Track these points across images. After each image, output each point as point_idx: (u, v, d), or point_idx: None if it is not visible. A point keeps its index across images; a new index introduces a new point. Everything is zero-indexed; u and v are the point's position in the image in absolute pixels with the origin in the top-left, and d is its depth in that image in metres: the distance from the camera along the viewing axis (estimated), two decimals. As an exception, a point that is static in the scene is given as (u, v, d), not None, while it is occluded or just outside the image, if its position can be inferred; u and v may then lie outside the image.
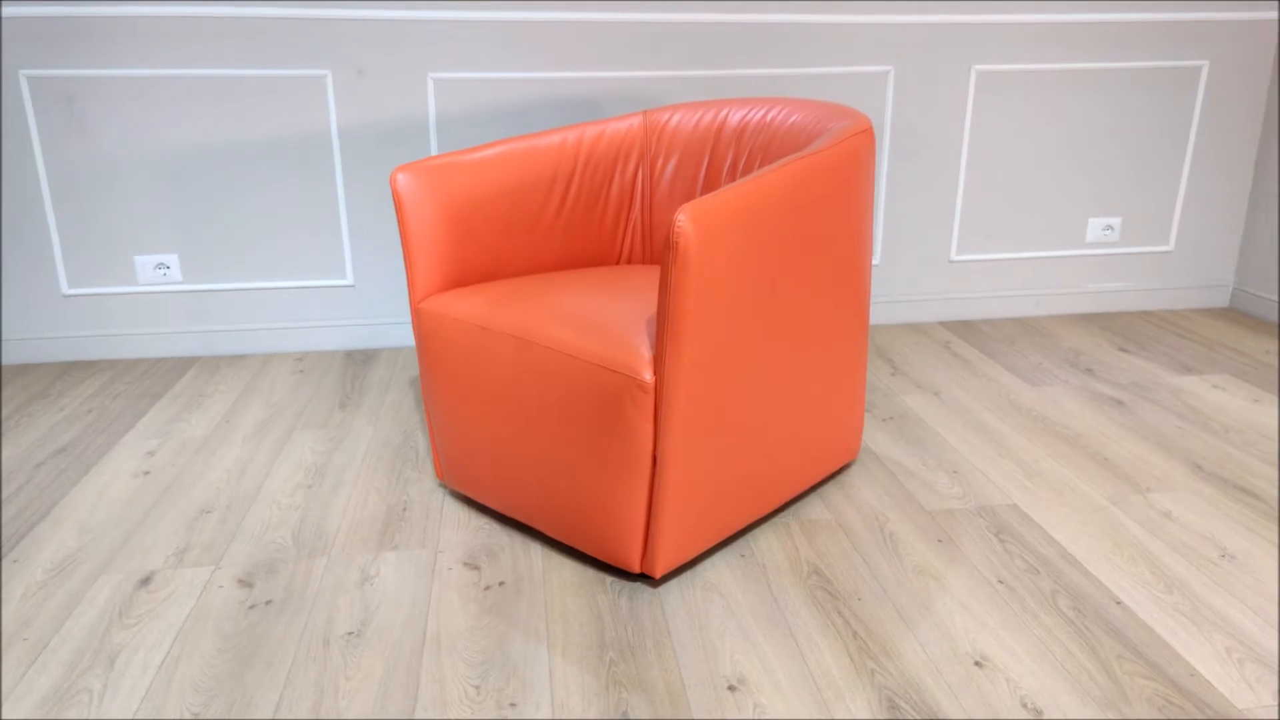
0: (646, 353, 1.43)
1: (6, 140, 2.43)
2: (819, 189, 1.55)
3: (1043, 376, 2.45)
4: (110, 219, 2.54)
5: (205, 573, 1.61)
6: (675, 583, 1.57)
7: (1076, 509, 1.79)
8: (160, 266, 2.59)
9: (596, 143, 1.95)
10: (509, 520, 1.77)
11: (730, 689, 1.32)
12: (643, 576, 1.59)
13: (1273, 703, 1.28)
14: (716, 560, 1.63)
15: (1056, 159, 2.78)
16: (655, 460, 1.45)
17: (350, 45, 2.47)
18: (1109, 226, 2.84)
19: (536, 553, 1.66)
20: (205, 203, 2.55)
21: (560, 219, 1.92)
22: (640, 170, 1.99)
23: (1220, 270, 2.96)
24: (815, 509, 1.80)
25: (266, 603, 1.52)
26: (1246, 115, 2.81)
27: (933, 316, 2.89)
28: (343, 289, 2.69)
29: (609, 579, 1.58)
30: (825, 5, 2.55)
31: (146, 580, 1.59)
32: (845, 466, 1.95)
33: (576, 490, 1.55)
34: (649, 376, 1.40)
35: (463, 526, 1.75)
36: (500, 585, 1.57)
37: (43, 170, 2.46)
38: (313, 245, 2.64)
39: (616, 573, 1.60)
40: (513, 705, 1.29)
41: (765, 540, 1.69)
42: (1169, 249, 2.91)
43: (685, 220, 1.32)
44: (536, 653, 1.40)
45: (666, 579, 1.58)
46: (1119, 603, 1.50)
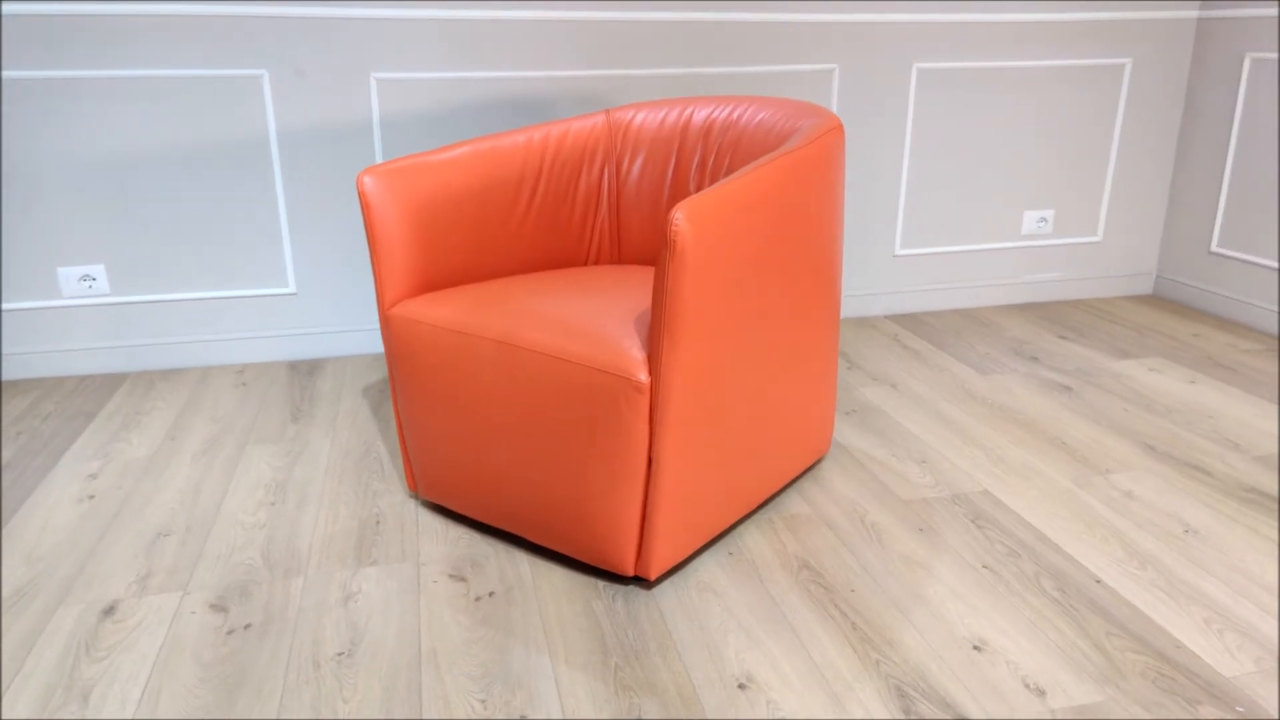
0: (638, 353, 1.41)
1: (-86, 147, 2.26)
2: (800, 186, 1.56)
3: (992, 365, 2.52)
4: (30, 229, 2.39)
5: (173, 599, 1.53)
6: (669, 584, 1.56)
7: (1045, 492, 1.84)
8: (85, 278, 2.45)
9: (562, 142, 1.92)
10: (489, 529, 1.73)
11: (741, 687, 1.31)
12: (635, 580, 1.57)
13: (1255, 669, 1.34)
14: (706, 560, 1.63)
15: (994, 154, 2.86)
16: (650, 461, 1.44)
17: (288, 44, 2.39)
18: (1043, 219, 2.95)
19: (523, 561, 1.63)
20: (134, 210, 2.43)
21: (528, 220, 1.89)
22: (606, 170, 1.97)
23: (1144, 259, 3.10)
24: (795, 504, 1.81)
25: (245, 627, 1.45)
26: (1167, 111, 2.95)
27: (879, 310, 2.95)
28: (284, 297, 2.60)
29: (601, 583, 1.56)
30: (771, 5, 2.57)
31: (110, 610, 1.50)
32: (818, 460, 1.97)
33: (566, 494, 1.52)
34: (644, 377, 1.39)
35: (441, 537, 1.71)
36: (491, 596, 1.53)
37: (-45, 178, 2.31)
38: (251, 252, 2.54)
39: (608, 577, 1.58)
40: (523, 717, 1.26)
41: (751, 537, 1.69)
42: (1098, 239, 3.03)
43: (682, 219, 1.31)
44: (539, 662, 1.37)
45: (659, 581, 1.56)
46: (1099, 581, 1.55)
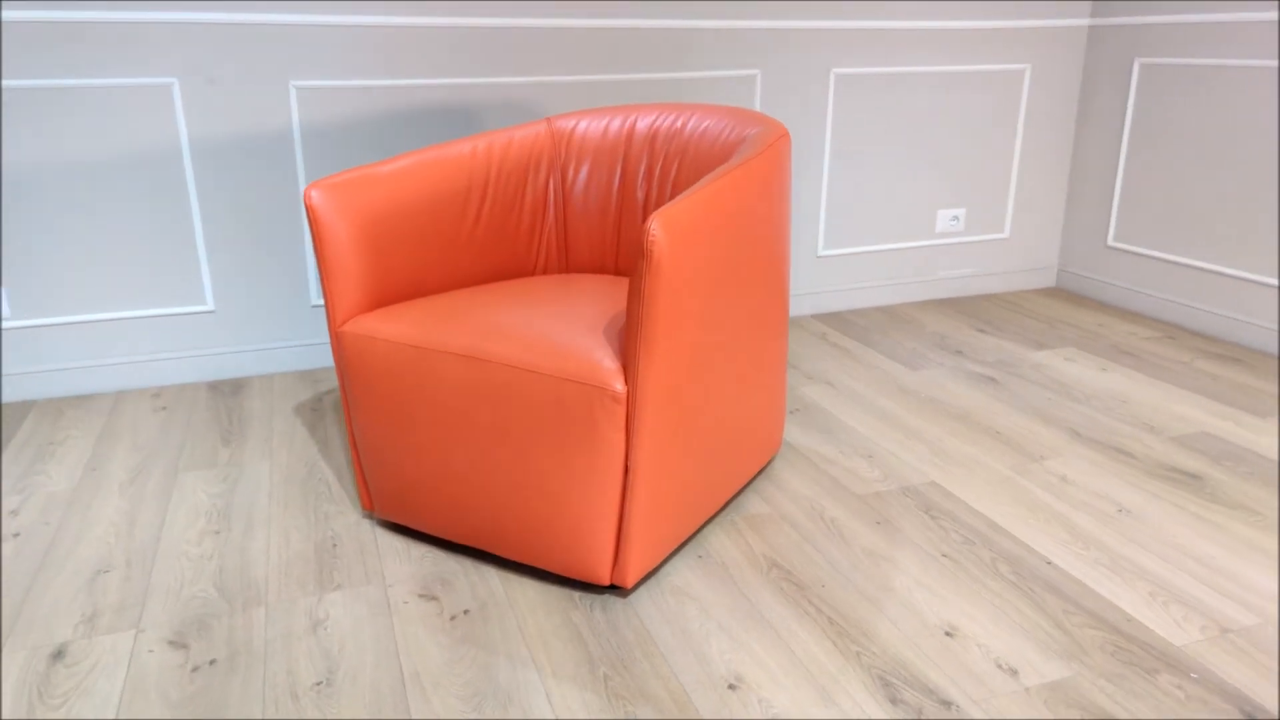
0: (610, 363, 1.41)
1: None
2: (758, 193, 1.59)
3: (919, 360, 2.61)
4: (-78, 251, 2.23)
5: (127, 638, 1.45)
6: (643, 591, 1.56)
7: (988, 481, 1.92)
8: (-16, 302, 2.30)
9: (506, 151, 1.90)
10: (453, 546, 1.70)
11: (731, 688, 1.33)
12: (610, 589, 1.57)
13: (1201, 637, 1.43)
14: (677, 564, 1.64)
15: (908, 155, 2.97)
16: (627, 469, 1.44)
17: (199, 51, 2.29)
18: (955, 217, 3.07)
19: (493, 576, 1.61)
20: (36, 228, 2.29)
21: (477, 231, 1.86)
22: (551, 179, 1.97)
23: (1047, 254, 3.27)
24: (754, 504, 1.84)
25: (210, 662, 1.39)
26: (1064, 113, 3.12)
27: (805, 310, 3.02)
28: (201, 315, 2.49)
29: (576, 594, 1.55)
30: (694, 11, 2.60)
31: (59, 654, 1.41)
32: (771, 460, 2.01)
33: (537, 506, 1.51)
34: (620, 387, 1.39)
35: (404, 557, 1.67)
36: (466, 614, 1.50)
37: None
38: (165, 269, 2.42)
39: (582, 587, 1.57)
40: (519, 735, 1.24)
41: (717, 539, 1.72)
42: (1005, 236, 3.17)
43: (658, 228, 1.32)
44: (526, 677, 1.35)
45: (634, 589, 1.57)
46: (1050, 563, 1.63)
